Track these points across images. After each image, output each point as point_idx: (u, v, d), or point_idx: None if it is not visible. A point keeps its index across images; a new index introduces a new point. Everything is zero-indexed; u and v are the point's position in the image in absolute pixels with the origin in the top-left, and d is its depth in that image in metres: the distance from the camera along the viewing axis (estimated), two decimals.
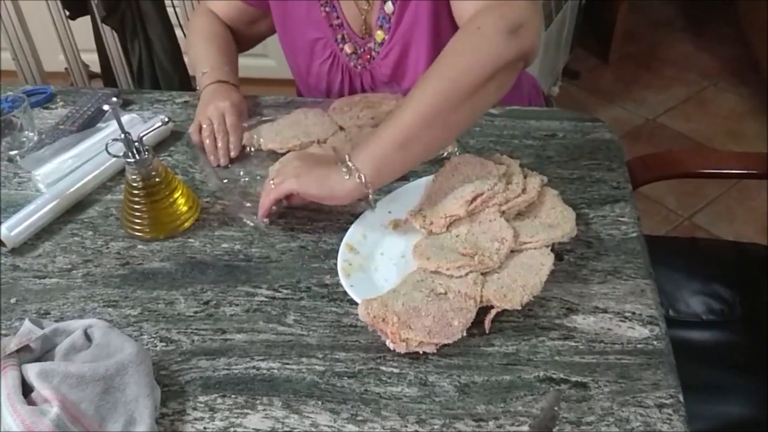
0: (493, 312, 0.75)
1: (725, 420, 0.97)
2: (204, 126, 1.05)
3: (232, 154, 1.04)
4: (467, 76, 0.79)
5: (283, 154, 1.01)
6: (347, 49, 1.14)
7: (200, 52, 1.18)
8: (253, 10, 1.21)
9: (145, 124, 1.07)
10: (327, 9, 1.12)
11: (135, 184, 0.88)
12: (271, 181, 0.88)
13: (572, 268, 0.83)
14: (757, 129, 2.37)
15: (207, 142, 1.04)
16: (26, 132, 1.08)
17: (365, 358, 0.74)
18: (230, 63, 1.16)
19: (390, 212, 0.90)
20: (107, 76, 1.81)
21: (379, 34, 1.11)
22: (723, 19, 2.90)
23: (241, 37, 1.25)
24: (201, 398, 0.71)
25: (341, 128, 1.05)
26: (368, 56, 1.14)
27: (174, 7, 1.69)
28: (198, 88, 1.13)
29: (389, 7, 1.07)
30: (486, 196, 0.84)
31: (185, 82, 1.73)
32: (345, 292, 0.80)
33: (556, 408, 0.67)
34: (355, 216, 0.90)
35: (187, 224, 0.92)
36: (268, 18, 1.21)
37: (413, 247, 0.82)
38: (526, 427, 0.67)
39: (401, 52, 1.10)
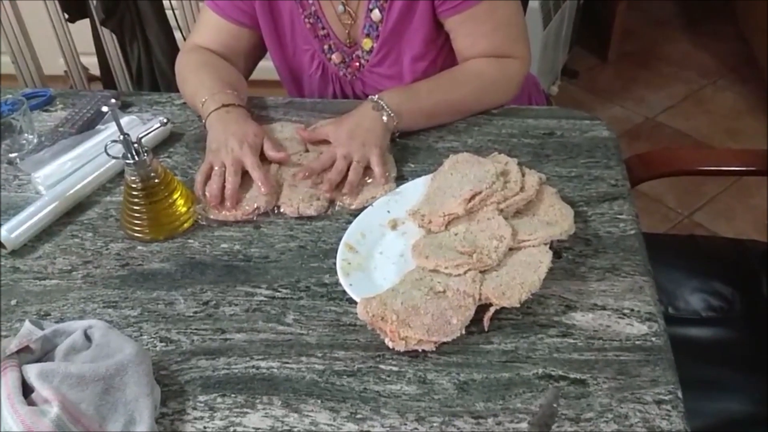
0: (492, 310, 0.75)
1: (725, 417, 0.97)
2: (216, 168, 0.94)
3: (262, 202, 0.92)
4: (489, 101, 1.10)
5: None
6: (335, 58, 1.14)
7: (194, 84, 1.08)
8: (245, 32, 1.14)
9: (144, 125, 1.07)
10: (311, 21, 1.11)
11: (134, 186, 0.89)
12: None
13: (570, 266, 0.83)
14: (756, 127, 2.37)
15: (214, 186, 0.92)
16: (26, 134, 1.08)
17: (364, 357, 0.74)
18: (231, 86, 1.06)
19: (389, 211, 0.90)
20: (106, 78, 1.81)
21: (367, 42, 1.10)
22: (722, 18, 2.89)
23: (240, 70, 1.16)
24: (201, 398, 0.72)
25: (307, 150, 1.03)
26: (357, 64, 1.14)
27: (173, 9, 1.69)
28: (202, 119, 1.04)
29: (376, 15, 1.07)
30: (484, 194, 0.84)
31: None
32: (344, 291, 0.80)
33: (555, 405, 0.68)
34: (354, 215, 0.90)
35: (186, 225, 0.92)
36: (262, 42, 1.16)
37: (412, 246, 0.83)
38: (525, 424, 0.67)
39: (394, 59, 1.10)
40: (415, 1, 1.05)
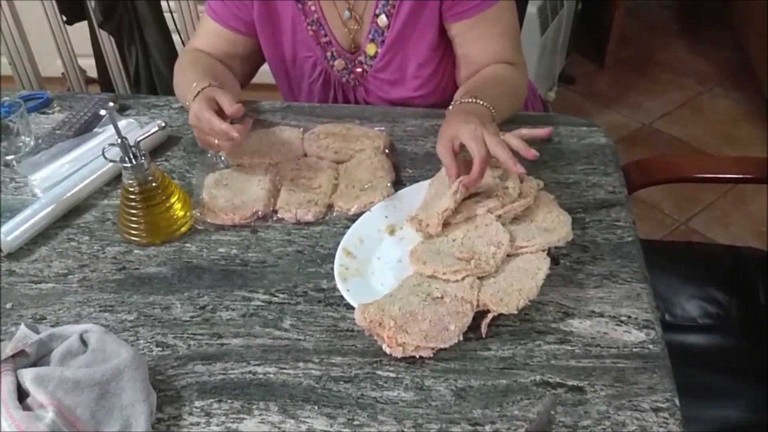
0: (490, 316, 0.75)
1: (722, 423, 0.97)
2: (193, 127, 0.95)
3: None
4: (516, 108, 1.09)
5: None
6: (338, 65, 1.14)
7: (185, 80, 1.05)
8: (242, 39, 1.13)
9: (141, 129, 1.07)
10: (314, 28, 1.10)
11: (131, 189, 0.88)
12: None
13: (568, 272, 0.83)
14: (753, 134, 2.38)
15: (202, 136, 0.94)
16: (23, 137, 1.08)
17: (362, 363, 0.74)
18: (216, 79, 1.02)
19: (386, 217, 0.90)
20: (104, 81, 1.81)
21: (371, 47, 1.10)
22: (719, 24, 2.91)
23: (237, 75, 1.15)
24: (197, 403, 0.71)
25: (305, 154, 1.02)
26: (360, 70, 1.14)
27: (171, 12, 1.69)
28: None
29: (383, 20, 1.07)
30: (468, 181, 0.82)
31: None
32: (341, 297, 0.80)
33: (552, 412, 0.67)
34: (352, 221, 0.90)
35: (183, 229, 0.92)
36: (260, 49, 1.15)
37: (410, 251, 0.82)
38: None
39: (398, 64, 1.10)
40: (422, 6, 1.05)
